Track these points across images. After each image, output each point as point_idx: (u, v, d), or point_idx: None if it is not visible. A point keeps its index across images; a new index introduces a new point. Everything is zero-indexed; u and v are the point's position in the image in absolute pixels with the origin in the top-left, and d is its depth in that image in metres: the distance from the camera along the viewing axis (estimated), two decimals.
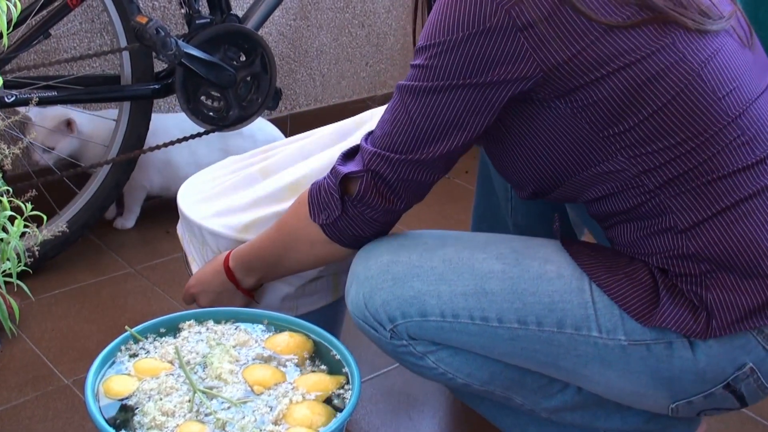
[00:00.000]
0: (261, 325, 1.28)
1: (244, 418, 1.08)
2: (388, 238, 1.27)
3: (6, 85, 1.79)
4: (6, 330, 1.25)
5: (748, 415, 1.60)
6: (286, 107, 2.61)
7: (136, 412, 1.10)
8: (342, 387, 1.16)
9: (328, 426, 1.08)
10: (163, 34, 1.84)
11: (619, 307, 1.13)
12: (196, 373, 1.16)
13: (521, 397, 1.28)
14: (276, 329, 1.27)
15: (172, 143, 2.01)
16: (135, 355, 1.21)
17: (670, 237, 1.13)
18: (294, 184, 1.49)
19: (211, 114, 2.03)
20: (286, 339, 1.23)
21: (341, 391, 1.15)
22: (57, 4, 1.83)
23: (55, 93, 1.87)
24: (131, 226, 2.20)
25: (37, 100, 1.60)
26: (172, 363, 1.19)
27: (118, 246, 2.12)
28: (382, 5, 2.73)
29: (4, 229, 1.19)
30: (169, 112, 2.31)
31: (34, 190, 1.33)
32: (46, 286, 1.92)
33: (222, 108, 2.04)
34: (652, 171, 1.11)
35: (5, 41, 1.16)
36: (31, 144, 2.00)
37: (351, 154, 1.25)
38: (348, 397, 1.14)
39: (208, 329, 1.26)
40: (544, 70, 1.08)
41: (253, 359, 1.20)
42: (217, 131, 2.06)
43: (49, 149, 2.01)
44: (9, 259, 1.19)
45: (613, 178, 1.14)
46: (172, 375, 1.16)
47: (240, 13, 2.10)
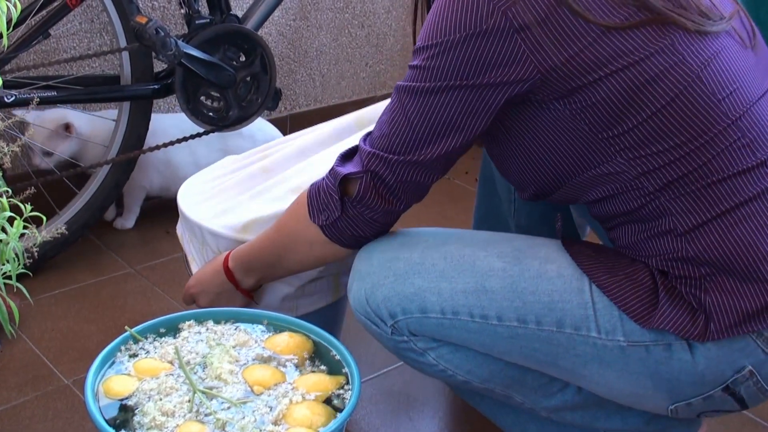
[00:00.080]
0: (261, 326, 1.28)
1: (244, 418, 1.08)
2: (390, 235, 1.27)
3: (6, 85, 1.79)
4: (6, 331, 1.25)
5: (749, 417, 1.60)
6: (286, 107, 2.61)
7: (136, 412, 1.10)
8: (342, 387, 1.16)
9: (327, 426, 1.08)
10: (162, 34, 1.84)
11: (618, 308, 1.13)
12: (195, 373, 1.16)
13: (521, 396, 1.28)
14: (276, 329, 1.27)
15: (171, 143, 2.01)
16: (135, 355, 1.21)
17: (670, 239, 1.12)
18: (296, 189, 1.49)
19: (210, 114, 2.03)
20: (285, 339, 1.23)
21: (341, 391, 1.15)
22: (56, 4, 1.83)
23: (54, 93, 1.87)
24: (131, 226, 2.20)
25: (37, 100, 1.60)
26: (171, 363, 1.19)
27: (118, 246, 2.12)
28: (381, 6, 2.73)
29: (4, 229, 1.19)
30: (169, 113, 2.31)
31: (33, 188, 1.33)
32: (46, 287, 1.92)
33: (222, 108, 2.04)
34: (652, 173, 1.11)
35: (5, 41, 1.16)
36: (31, 148, 2.00)
37: (350, 155, 1.25)
38: (348, 398, 1.14)
39: (207, 329, 1.26)
40: (542, 71, 1.08)
41: (253, 359, 1.20)
42: (216, 131, 2.06)
43: (48, 153, 2.01)
44: (8, 261, 1.18)
45: (613, 179, 1.14)
46: (172, 375, 1.16)
47: (240, 13, 2.10)
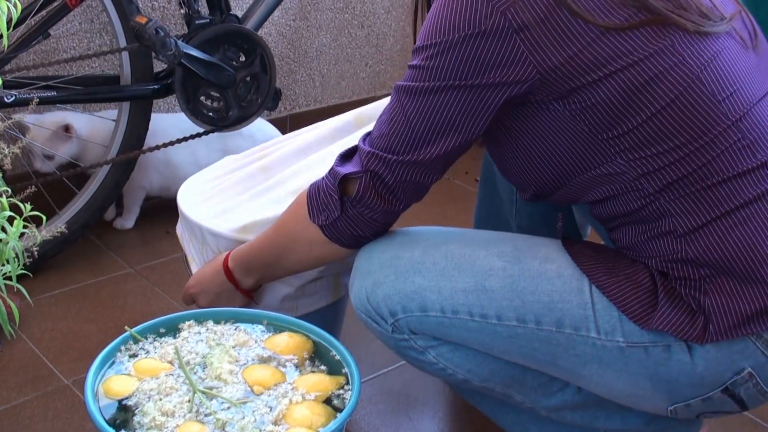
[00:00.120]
0: (261, 326, 1.28)
1: (244, 418, 1.08)
2: (391, 234, 1.28)
3: (5, 86, 1.79)
4: (6, 331, 1.25)
5: (749, 417, 1.60)
6: (286, 108, 2.61)
7: (136, 412, 1.10)
8: (342, 387, 1.16)
9: (327, 426, 1.08)
10: (162, 34, 1.84)
11: (618, 308, 1.13)
12: (195, 373, 1.16)
13: (521, 395, 1.28)
14: (276, 329, 1.27)
15: (171, 143, 2.01)
16: (135, 355, 1.21)
17: (670, 241, 1.12)
18: (295, 189, 1.49)
19: (210, 114, 2.03)
20: (285, 339, 1.23)
21: (341, 391, 1.15)
22: (56, 4, 1.83)
23: (54, 93, 1.87)
24: (131, 226, 2.20)
25: (37, 100, 1.60)
26: (171, 363, 1.19)
27: (118, 246, 2.12)
28: (381, 6, 2.73)
29: (3, 229, 1.19)
30: (169, 113, 2.31)
31: (33, 188, 1.33)
32: (46, 287, 1.92)
33: (221, 108, 2.04)
34: (652, 174, 1.11)
35: (5, 41, 1.15)
36: (31, 151, 2.00)
37: (349, 155, 1.25)
38: (348, 398, 1.14)
39: (207, 329, 1.26)
40: (541, 72, 1.08)
41: (253, 359, 1.20)
42: (216, 132, 2.06)
43: (49, 156, 2.00)
44: (8, 261, 1.18)
45: (613, 180, 1.14)
46: (172, 375, 1.16)
47: (239, 13, 2.10)
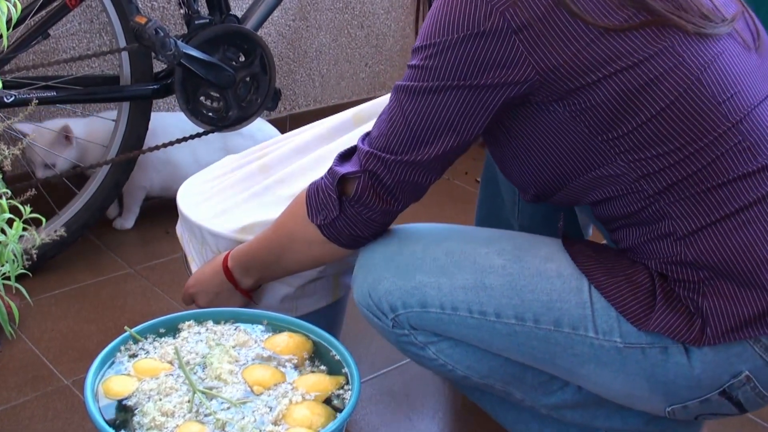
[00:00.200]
0: (260, 326, 1.28)
1: (244, 418, 1.08)
2: (393, 230, 1.28)
3: (5, 86, 1.79)
4: (5, 332, 1.25)
5: (748, 417, 1.60)
6: (286, 108, 2.61)
7: (136, 412, 1.10)
8: (341, 387, 1.16)
9: (327, 426, 1.08)
10: (162, 34, 1.84)
11: (615, 309, 1.13)
12: (195, 373, 1.16)
13: (521, 393, 1.29)
14: (275, 330, 1.27)
15: (171, 143, 2.01)
16: (134, 355, 1.21)
17: (670, 243, 1.12)
18: (294, 187, 1.49)
19: (210, 114, 2.03)
20: (285, 339, 1.23)
21: (341, 391, 1.15)
22: (56, 4, 1.83)
23: (54, 93, 1.87)
24: (130, 226, 2.20)
25: (36, 101, 1.60)
26: (171, 363, 1.19)
27: (118, 246, 2.12)
28: (381, 6, 2.73)
29: (3, 231, 1.19)
30: (170, 111, 2.31)
31: (33, 190, 1.33)
32: (46, 287, 1.92)
33: (221, 108, 2.04)
34: (652, 176, 1.10)
35: (5, 42, 1.15)
36: (32, 160, 2.00)
37: (348, 155, 1.25)
38: (347, 398, 1.14)
39: (207, 330, 1.26)
40: (540, 72, 1.08)
41: (253, 359, 1.20)
42: (216, 132, 2.06)
43: (50, 165, 2.00)
44: (7, 262, 1.18)
45: (613, 182, 1.14)
46: (172, 375, 1.16)
47: (239, 13, 2.10)
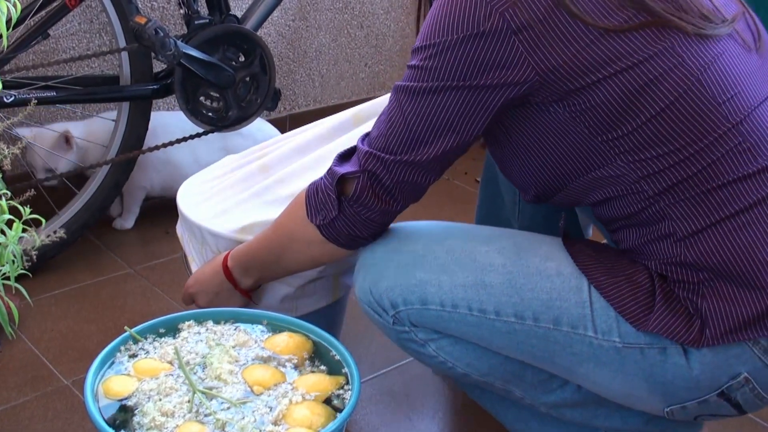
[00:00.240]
0: (260, 326, 1.28)
1: (244, 418, 1.08)
2: (395, 227, 1.28)
3: (5, 86, 1.79)
4: (5, 332, 1.25)
5: (749, 417, 1.60)
6: (285, 108, 2.61)
7: (136, 412, 1.10)
8: (341, 387, 1.16)
9: (327, 426, 1.08)
10: (162, 34, 1.84)
11: (614, 309, 1.13)
12: (195, 373, 1.16)
13: (521, 391, 1.29)
14: (275, 330, 1.27)
15: (171, 144, 2.01)
16: (134, 355, 1.21)
17: (670, 244, 1.12)
18: (296, 191, 1.49)
19: (210, 114, 2.03)
20: (285, 339, 1.24)
21: (341, 391, 1.15)
22: (56, 4, 1.83)
23: (54, 93, 1.87)
24: (130, 226, 2.20)
25: (36, 100, 1.60)
26: (171, 363, 1.19)
27: (118, 246, 2.12)
28: (381, 6, 2.73)
29: (3, 232, 1.19)
30: (170, 111, 2.31)
31: (33, 190, 1.33)
32: (46, 287, 1.92)
33: (221, 108, 2.04)
34: (652, 177, 1.10)
35: (5, 42, 1.15)
36: (34, 166, 1.99)
37: (348, 155, 1.25)
38: (347, 398, 1.14)
39: (207, 330, 1.26)
40: (540, 73, 1.08)
41: (253, 359, 1.20)
42: (216, 132, 2.06)
43: (52, 169, 2.00)
44: (7, 263, 1.18)
45: (614, 182, 1.14)
46: (172, 375, 1.16)
47: (239, 13, 2.10)
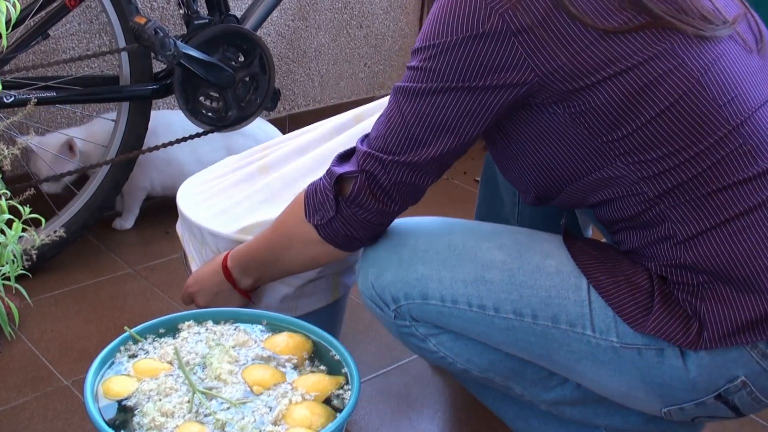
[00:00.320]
0: (260, 326, 1.28)
1: (244, 418, 1.08)
2: (398, 222, 1.28)
3: (5, 86, 1.79)
4: (5, 332, 1.25)
5: (748, 416, 1.59)
6: (285, 108, 2.61)
7: (136, 412, 1.10)
8: (341, 387, 1.16)
9: (327, 426, 1.08)
10: (161, 34, 1.84)
11: (612, 309, 1.13)
12: (195, 373, 1.16)
13: (521, 387, 1.29)
14: (275, 330, 1.27)
15: (171, 143, 2.01)
16: (134, 355, 1.21)
17: (670, 246, 1.12)
18: (296, 191, 1.49)
19: (209, 114, 2.03)
20: (285, 339, 1.24)
21: (340, 391, 1.15)
22: (55, 4, 1.83)
23: (53, 94, 1.87)
24: (130, 226, 2.20)
25: (35, 100, 1.60)
26: (171, 363, 1.19)
27: (117, 246, 2.12)
28: (380, 6, 2.73)
29: (2, 232, 1.19)
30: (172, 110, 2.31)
31: (33, 190, 1.33)
32: (45, 287, 1.92)
33: (221, 108, 2.04)
34: (652, 179, 1.10)
35: (4, 42, 1.15)
36: (38, 176, 1.99)
37: (347, 156, 1.25)
38: (347, 398, 1.14)
39: (207, 330, 1.26)
40: (539, 74, 1.08)
41: (253, 359, 1.20)
42: (215, 132, 2.06)
43: (56, 177, 2.00)
44: (7, 263, 1.18)
45: (614, 184, 1.14)
46: (172, 375, 1.16)
47: (238, 13, 2.10)
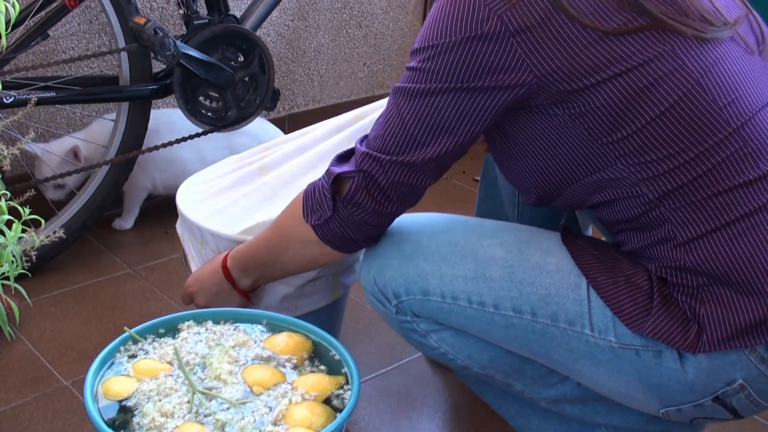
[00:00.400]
0: (260, 326, 1.28)
1: (244, 418, 1.08)
2: (401, 217, 1.28)
3: (4, 86, 1.79)
4: (5, 332, 1.25)
5: None
6: (284, 108, 2.61)
7: (135, 413, 1.10)
8: (341, 387, 1.16)
9: (327, 426, 1.08)
10: (161, 34, 1.84)
11: (611, 310, 1.13)
12: (195, 373, 1.16)
13: (521, 385, 1.29)
14: (275, 330, 1.27)
15: (171, 143, 2.01)
16: (134, 356, 1.21)
17: (670, 248, 1.12)
18: (296, 191, 1.49)
19: (209, 114, 2.03)
20: (285, 339, 1.24)
21: (340, 391, 1.15)
22: (55, 5, 1.83)
23: (53, 94, 1.87)
24: (130, 226, 2.20)
25: (35, 100, 1.60)
26: (171, 364, 1.19)
27: (117, 247, 2.12)
28: (379, 6, 2.73)
29: (2, 232, 1.19)
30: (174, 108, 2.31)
31: (33, 190, 1.33)
32: (45, 288, 1.92)
33: (220, 108, 2.04)
34: (652, 180, 1.10)
35: (4, 42, 1.15)
36: (44, 183, 1.99)
37: (346, 156, 1.25)
38: (347, 398, 1.14)
39: (207, 330, 1.26)
40: (538, 75, 1.08)
41: (253, 360, 1.20)
42: (215, 132, 2.06)
43: (61, 185, 2.00)
44: (7, 263, 1.18)
45: (614, 185, 1.13)
46: (171, 376, 1.16)
47: (238, 13, 2.10)
